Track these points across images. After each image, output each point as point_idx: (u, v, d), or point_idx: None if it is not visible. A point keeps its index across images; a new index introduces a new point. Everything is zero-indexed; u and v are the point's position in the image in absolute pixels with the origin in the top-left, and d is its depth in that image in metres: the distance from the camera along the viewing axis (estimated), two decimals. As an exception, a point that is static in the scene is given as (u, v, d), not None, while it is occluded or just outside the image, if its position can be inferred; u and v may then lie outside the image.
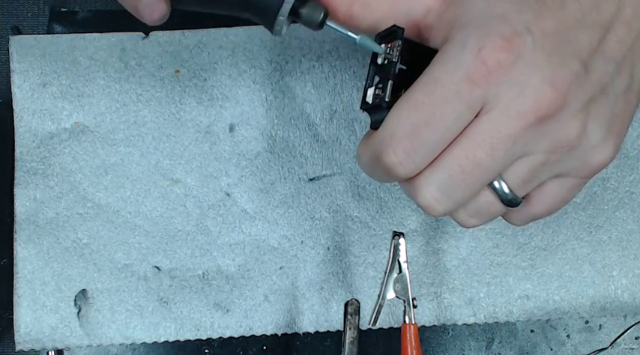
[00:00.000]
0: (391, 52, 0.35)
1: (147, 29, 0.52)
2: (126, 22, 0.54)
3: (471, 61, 0.32)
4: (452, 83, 0.32)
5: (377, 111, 0.34)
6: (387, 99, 0.34)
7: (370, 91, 0.35)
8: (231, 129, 0.52)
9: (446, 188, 0.34)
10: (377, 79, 0.35)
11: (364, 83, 0.36)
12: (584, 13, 0.34)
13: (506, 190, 0.35)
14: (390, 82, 0.34)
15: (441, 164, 0.33)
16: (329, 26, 0.36)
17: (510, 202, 0.36)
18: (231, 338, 0.51)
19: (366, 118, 0.52)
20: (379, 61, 0.35)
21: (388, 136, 0.33)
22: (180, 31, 0.52)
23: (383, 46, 0.35)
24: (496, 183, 0.35)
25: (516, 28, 0.32)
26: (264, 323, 0.51)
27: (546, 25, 0.33)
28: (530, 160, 0.34)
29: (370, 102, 0.35)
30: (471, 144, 0.33)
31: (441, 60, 0.33)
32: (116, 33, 0.52)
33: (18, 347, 0.50)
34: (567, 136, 0.33)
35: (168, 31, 0.52)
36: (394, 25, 0.35)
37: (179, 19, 0.54)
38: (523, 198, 0.36)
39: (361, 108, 0.35)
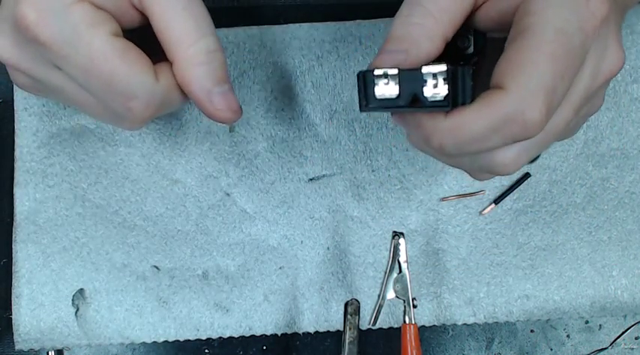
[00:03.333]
0: None
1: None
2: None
3: (584, 12, 0.30)
4: (575, 33, 0.30)
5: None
6: (471, 51, 0.33)
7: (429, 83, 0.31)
8: (231, 129, 0.52)
9: (535, 148, 0.33)
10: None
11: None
12: None
13: None
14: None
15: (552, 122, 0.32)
16: None
17: (536, 157, 0.37)
18: (231, 338, 0.51)
19: (366, 118, 0.52)
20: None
21: (530, 95, 0.30)
22: (180, 31, 0.52)
23: None
24: None
25: None
26: (264, 323, 0.51)
27: None
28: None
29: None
30: (567, 104, 0.32)
31: (553, 9, 0.30)
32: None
33: (18, 347, 0.50)
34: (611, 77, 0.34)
35: (168, 31, 0.52)
36: None
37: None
38: None
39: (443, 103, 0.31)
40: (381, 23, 0.52)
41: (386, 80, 0.31)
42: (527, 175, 0.52)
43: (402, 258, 0.50)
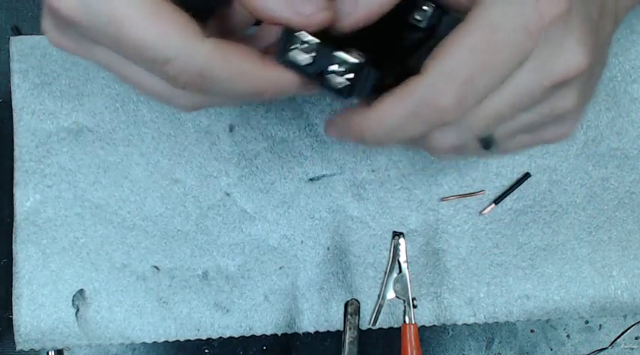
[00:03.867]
0: None
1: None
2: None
3: (529, 11, 0.31)
4: (510, 31, 0.31)
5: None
6: (423, 25, 0.34)
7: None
8: (231, 129, 0.52)
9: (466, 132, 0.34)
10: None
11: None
12: None
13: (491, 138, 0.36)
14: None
15: (477, 110, 0.33)
16: None
17: (488, 145, 0.36)
18: (231, 338, 0.51)
19: (366, 118, 0.52)
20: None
21: (443, 81, 0.31)
22: (180, 30, 0.52)
23: None
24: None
25: None
26: (264, 323, 0.51)
27: None
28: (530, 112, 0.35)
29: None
30: (501, 98, 0.33)
31: (497, 4, 0.31)
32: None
33: (18, 347, 0.50)
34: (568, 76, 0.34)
35: (168, 31, 0.52)
36: None
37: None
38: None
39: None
40: (381, 23, 0.52)
41: (306, 46, 0.32)
42: (527, 175, 0.52)
43: (402, 258, 0.50)
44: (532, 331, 0.53)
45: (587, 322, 0.53)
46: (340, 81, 0.32)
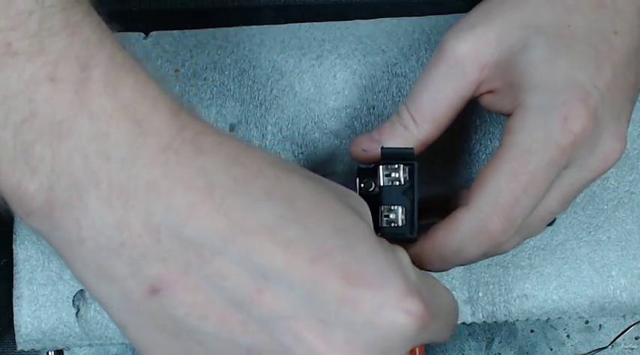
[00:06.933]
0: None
1: (147, 29, 0.52)
2: (126, 22, 0.53)
3: (558, 130, 0.33)
4: (544, 152, 0.33)
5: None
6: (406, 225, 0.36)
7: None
8: (232, 128, 0.52)
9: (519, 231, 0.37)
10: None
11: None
12: (630, 50, 0.36)
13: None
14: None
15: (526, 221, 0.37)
16: None
17: (551, 223, 0.41)
18: (231, 337, 0.51)
19: (366, 117, 0.52)
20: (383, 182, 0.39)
21: (490, 207, 0.34)
22: (180, 31, 0.52)
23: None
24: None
25: (588, 89, 0.33)
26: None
27: (606, 77, 0.34)
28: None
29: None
30: (551, 200, 0.36)
31: (526, 129, 0.34)
32: (116, 33, 0.52)
33: (19, 347, 0.50)
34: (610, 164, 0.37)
35: (168, 31, 0.52)
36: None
37: (179, 19, 0.54)
38: None
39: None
40: (381, 23, 0.52)
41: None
42: (527, 175, 0.52)
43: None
44: (532, 331, 0.53)
45: (587, 322, 0.53)
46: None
